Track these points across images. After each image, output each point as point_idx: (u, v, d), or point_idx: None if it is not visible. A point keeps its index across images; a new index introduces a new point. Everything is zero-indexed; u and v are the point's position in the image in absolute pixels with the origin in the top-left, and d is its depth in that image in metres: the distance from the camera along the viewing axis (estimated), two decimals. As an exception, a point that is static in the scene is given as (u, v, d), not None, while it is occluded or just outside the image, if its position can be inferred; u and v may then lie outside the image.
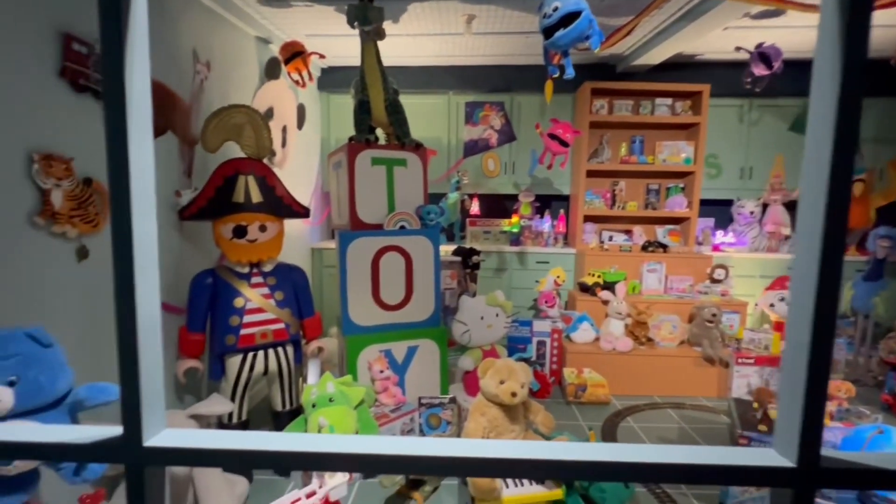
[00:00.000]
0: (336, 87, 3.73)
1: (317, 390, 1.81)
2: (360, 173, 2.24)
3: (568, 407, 2.68)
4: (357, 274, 2.21)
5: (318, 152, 3.79)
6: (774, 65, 2.75)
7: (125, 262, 0.35)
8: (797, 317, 0.33)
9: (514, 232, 3.73)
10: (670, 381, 2.86)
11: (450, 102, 3.76)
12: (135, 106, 0.36)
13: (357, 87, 2.30)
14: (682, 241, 3.71)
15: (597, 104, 3.60)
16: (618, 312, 2.99)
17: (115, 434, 0.34)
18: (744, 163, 3.75)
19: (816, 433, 0.31)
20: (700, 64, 3.67)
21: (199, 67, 2.11)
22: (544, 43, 1.94)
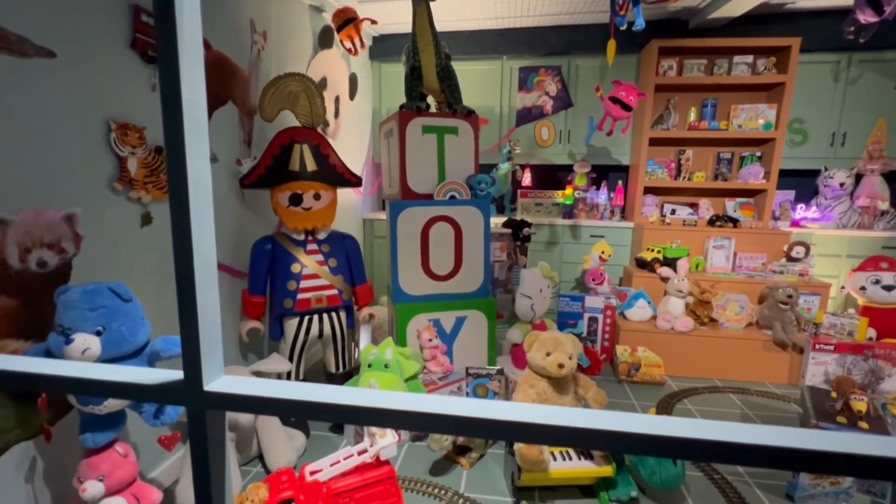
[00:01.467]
0: (387, 56, 3.69)
1: (377, 352, 1.86)
2: (411, 142, 2.21)
3: (619, 385, 2.59)
4: (407, 243, 2.22)
5: (370, 123, 3.80)
6: (886, 9, 2.35)
7: (182, 215, 0.35)
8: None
9: (568, 204, 3.58)
10: (734, 364, 2.68)
11: (503, 68, 3.61)
12: (187, 68, 0.35)
13: (408, 53, 2.25)
14: (755, 215, 3.39)
15: (664, 65, 3.30)
16: (678, 290, 2.82)
17: (177, 378, 0.35)
18: (836, 128, 3.32)
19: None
20: (789, 14, 3.24)
21: (256, 38, 2.15)
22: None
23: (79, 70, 1.31)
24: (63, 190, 1.28)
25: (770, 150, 3.29)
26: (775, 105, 3.22)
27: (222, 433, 0.36)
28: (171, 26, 0.35)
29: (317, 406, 0.34)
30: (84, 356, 1.05)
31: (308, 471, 1.43)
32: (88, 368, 0.37)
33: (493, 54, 3.60)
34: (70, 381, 0.36)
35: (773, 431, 0.36)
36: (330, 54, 2.83)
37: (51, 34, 1.23)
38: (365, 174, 3.69)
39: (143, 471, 1.57)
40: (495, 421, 0.37)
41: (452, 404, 0.36)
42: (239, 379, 0.36)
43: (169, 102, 0.34)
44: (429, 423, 0.35)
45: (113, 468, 1.15)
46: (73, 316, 1.06)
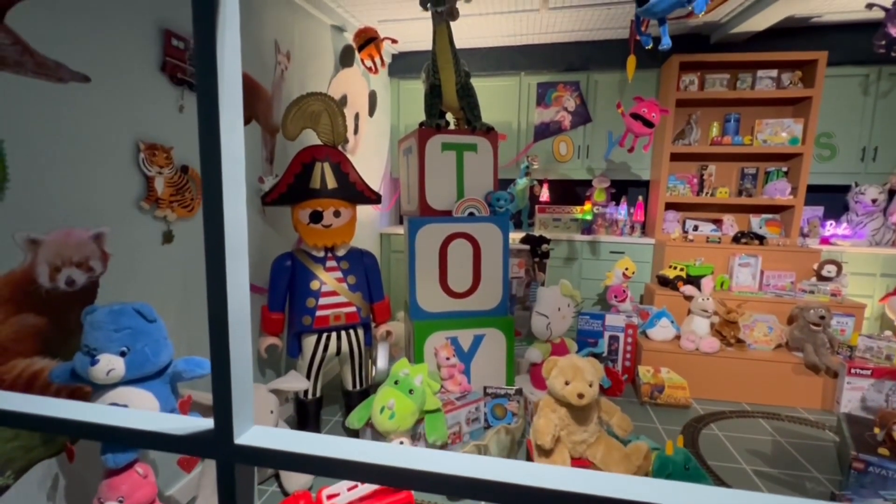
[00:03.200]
0: (406, 74, 3.73)
1: (408, 372, 1.83)
2: (430, 159, 2.21)
3: (642, 408, 2.51)
4: (425, 260, 2.20)
5: (388, 139, 3.84)
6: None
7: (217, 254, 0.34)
8: None
9: (587, 220, 3.54)
10: (763, 388, 2.58)
11: (521, 83, 3.61)
12: (226, 96, 0.35)
13: (428, 71, 2.26)
14: (782, 232, 3.29)
15: (685, 80, 3.26)
16: (703, 310, 2.73)
17: (207, 427, 0.34)
18: (866, 142, 3.22)
19: None
20: (815, 28, 3.18)
21: (279, 58, 2.19)
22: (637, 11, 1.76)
23: (111, 93, 1.35)
24: (93, 209, 1.31)
25: (797, 165, 3.20)
26: (802, 119, 3.15)
27: (251, 487, 0.35)
28: (210, 54, 0.35)
29: (353, 465, 0.32)
30: (108, 377, 1.05)
31: (325, 494, 1.40)
32: (116, 415, 0.36)
33: (511, 70, 3.62)
34: (96, 427, 0.35)
35: None
36: (350, 72, 2.88)
37: (85, 59, 1.27)
38: (383, 189, 3.71)
39: (161, 488, 1.56)
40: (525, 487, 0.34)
41: (493, 468, 0.33)
42: (270, 431, 0.35)
43: (208, 142, 0.33)
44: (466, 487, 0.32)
45: (133, 489, 1.15)
46: (99, 336, 1.07)
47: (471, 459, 0.33)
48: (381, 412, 1.73)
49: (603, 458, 1.60)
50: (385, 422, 1.69)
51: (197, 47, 0.36)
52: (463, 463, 0.33)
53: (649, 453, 1.59)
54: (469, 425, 2.12)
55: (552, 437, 1.56)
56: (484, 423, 2.16)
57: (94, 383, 1.09)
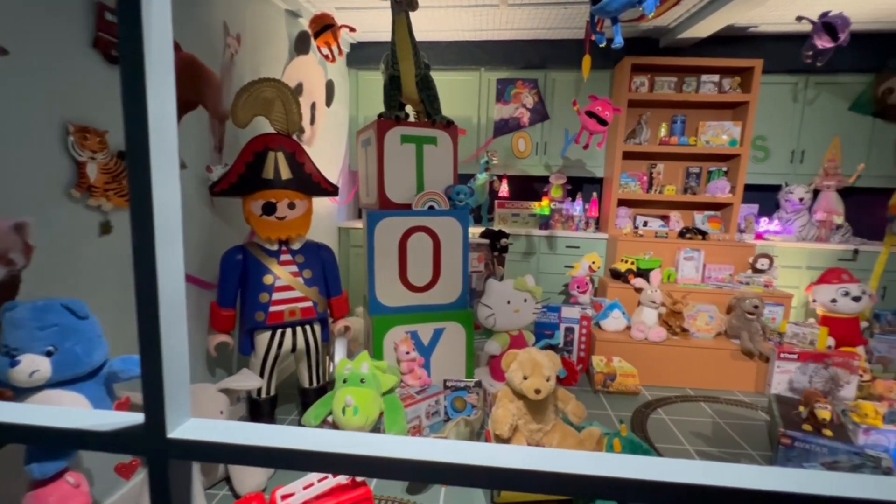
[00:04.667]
0: (365, 64, 3.65)
1: (352, 367, 1.80)
2: (390, 151, 2.18)
3: (595, 396, 2.61)
4: (384, 254, 2.18)
5: (346, 130, 3.75)
6: (840, 36, 2.50)
7: (145, 238, 0.31)
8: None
9: (544, 215, 3.62)
10: (705, 373, 2.75)
11: (481, 79, 3.64)
12: (155, 64, 0.32)
13: (388, 62, 2.23)
14: (722, 228, 3.52)
15: (637, 81, 3.40)
16: (651, 301, 2.88)
17: (136, 422, 0.31)
18: (795, 145, 3.49)
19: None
20: (753, 37, 3.41)
21: (229, 41, 2.08)
22: (591, 9, 1.80)
23: (33, 69, 1.22)
24: (14, 197, 1.18)
25: (735, 165, 3.43)
26: (740, 123, 3.37)
27: (187, 485, 0.32)
28: (136, 24, 0.31)
29: (293, 453, 0.31)
30: (32, 379, 0.96)
31: (280, 495, 1.36)
32: (30, 413, 0.32)
33: (471, 65, 3.63)
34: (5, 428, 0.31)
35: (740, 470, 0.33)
36: (306, 60, 2.78)
37: (2, 29, 1.14)
38: (341, 182, 3.63)
39: (97, 499, 1.45)
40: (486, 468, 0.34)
41: (441, 449, 0.33)
42: (206, 423, 0.32)
43: (134, 119, 0.30)
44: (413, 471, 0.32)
45: (62, 501, 1.06)
46: (21, 335, 0.97)
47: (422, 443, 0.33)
48: (344, 413, 1.69)
49: (559, 444, 1.65)
50: (352, 420, 1.66)
51: (120, 18, 0.32)
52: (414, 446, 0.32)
53: (601, 438, 1.65)
54: (429, 419, 2.12)
55: (510, 427, 1.59)
56: (444, 416, 2.17)
57: (16, 386, 0.99)
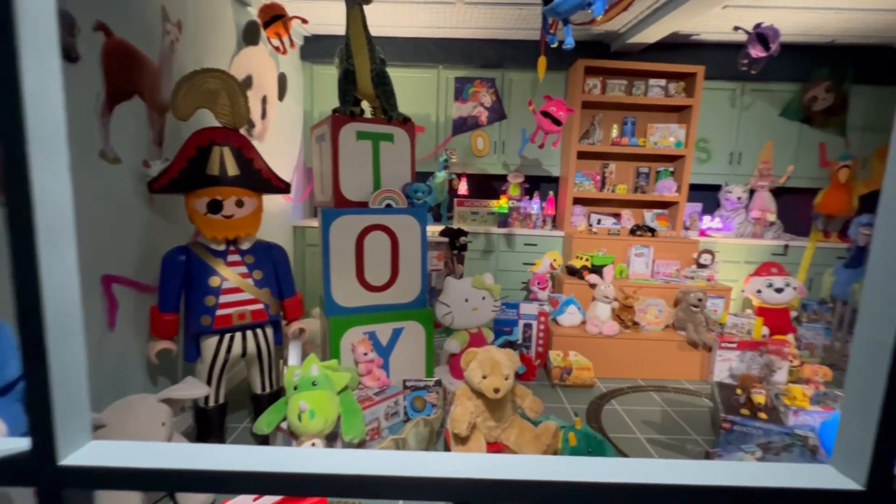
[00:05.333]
0: (320, 58, 3.55)
1: (300, 372, 1.74)
2: (345, 148, 2.13)
3: (553, 390, 2.67)
4: (340, 253, 2.12)
5: (301, 126, 3.63)
6: (772, 46, 2.69)
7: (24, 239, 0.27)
8: (874, 312, 0.27)
9: (503, 213, 3.66)
10: (654, 364, 2.88)
11: (439, 77, 3.62)
12: (30, 37, 0.26)
13: (342, 56, 2.17)
14: (670, 225, 3.70)
15: (590, 83, 3.51)
16: (605, 296, 2.98)
17: (22, 449, 0.27)
18: (733, 148, 3.73)
19: (892, 450, 0.26)
20: (695, 45, 3.60)
21: (168, 27, 1.95)
22: (543, 9, 1.83)
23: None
24: None
25: (681, 166, 3.61)
26: (685, 125, 3.55)
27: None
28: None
29: (225, 477, 0.28)
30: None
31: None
32: None
33: (429, 63, 3.61)
34: None
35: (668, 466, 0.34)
36: (256, 51, 2.66)
37: None
38: (295, 179, 3.51)
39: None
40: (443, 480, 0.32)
41: (399, 462, 0.31)
42: (109, 446, 0.28)
43: (3, 99, 0.25)
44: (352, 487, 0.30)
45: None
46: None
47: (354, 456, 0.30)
48: (301, 420, 1.63)
49: (516, 440, 1.66)
50: (310, 425, 1.60)
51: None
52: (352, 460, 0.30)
53: (557, 431, 1.69)
54: (388, 420, 2.09)
55: (468, 425, 1.59)
56: (403, 417, 2.14)
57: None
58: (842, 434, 0.28)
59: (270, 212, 3.06)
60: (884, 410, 0.25)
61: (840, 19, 3.06)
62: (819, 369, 2.51)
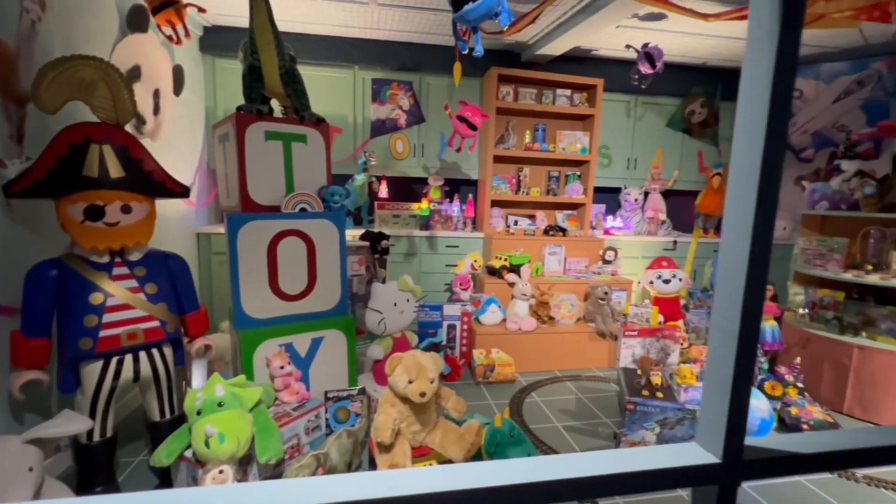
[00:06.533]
0: (223, 51, 3.29)
1: (203, 395, 1.59)
2: (252, 148, 1.99)
3: (477, 388, 2.74)
4: (250, 261, 1.97)
5: (203, 124, 3.34)
6: (657, 64, 3.02)
7: None
8: (724, 303, 0.31)
9: (424, 216, 3.68)
10: (569, 355, 3.08)
11: (355, 78, 3.55)
12: None
13: (246, 50, 2.02)
14: (578, 225, 3.98)
15: (503, 90, 3.66)
16: (523, 294, 3.12)
17: None
18: (630, 154, 4.12)
19: (741, 425, 0.29)
20: (595, 59, 3.92)
21: (27, 4, 1.67)
22: (453, 16, 1.87)
23: None
24: None
25: (586, 170, 3.91)
26: (589, 133, 3.85)
27: None
28: None
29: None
30: None
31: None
32: None
33: (344, 63, 3.52)
34: None
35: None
36: (144, 39, 2.38)
37: None
38: (198, 182, 3.22)
39: None
40: None
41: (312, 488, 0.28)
42: None
43: None
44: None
45: None
46: None
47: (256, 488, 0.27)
48: (209, 446, 1.48)
49: (441, 441, 1.67)
50: (220, 450, 1.45)
51: None
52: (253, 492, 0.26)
53: (480, 429, 1.73)
54: (309, 435, 1.98)
55: (392, 433, 1.56)
56: (326, 430, 2.05)
57: None
58: (702, 414, 0.32)
59: (168, 218, 2.77)
60: (733, 390, 0.28)
61: (710, 45, 3.53)
62: (704, 349, 2.86)
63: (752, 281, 0.27)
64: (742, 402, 0.28)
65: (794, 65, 0.35)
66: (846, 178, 2.68)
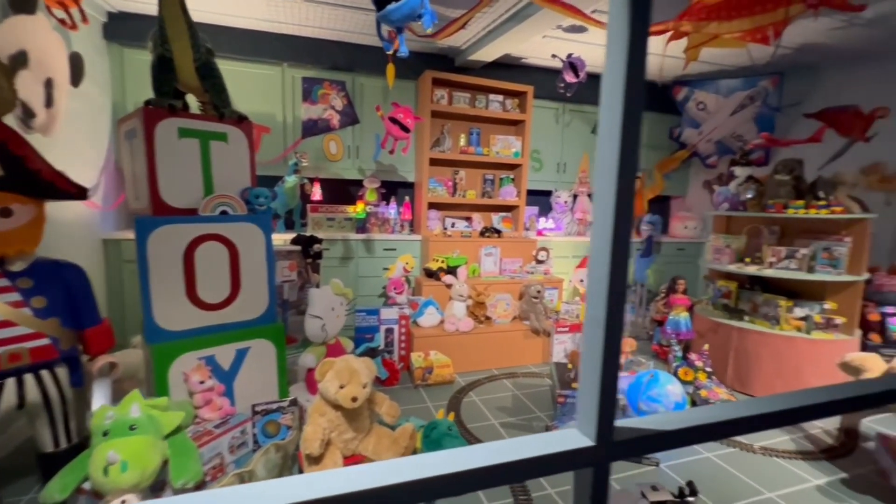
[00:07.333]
0: (132, 40, 3.01)
1: (114, 414, 1.43)
2: (163, 146, 1.83)
3: (416, 391, 2.72)
4: (163, 268, 1.81)
5: (109, 119, 3.03)
6: (580, 73, 3.20)
7: None
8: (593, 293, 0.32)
9: (360, 219, 3.61)
10: (505, 353, 3.16)
11: (284, 75, 3.40)
12: None
13: (156, 40, 1.87)
14: (513, 226, 4.11)
15: (438, 94, 3.69)
16: (460, 295, 3.15)
17: None
18: (560, 158, 4.32)
19: (611, 408, 0.31)
20: (525, 67, 4.08)
21: None
22: (377, 15, 1.85)
23: None
24: None
25: (519, 173, 4.05)
26: (521, 138, 3.99)
27: None
28: None
29: None
30: None
31: None
32: None
33: (272, 59, 3.36)
34: None
35: None
36: (32, 22, 2.11)
37: None
38: (104, 183, 2.91)
39: None
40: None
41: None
42: None
43: None
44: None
45: None
46: None
47: None
48: (107, 474, 1.32)
49: (374, 448, 1.64)
50: (119, 480, 1.30)
51: None
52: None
53: (414, 433, 1.71)
54: (234, 453, 1.86)
55: (321, 443, 1.50)
56: (253, 447, 1.93)
57: None
58: (580, 401, 0.33)
59: (66, 222, 2.48)
60: (602, 377, 0.30)
61: (627, 57, 3.80)
62: (627, 341, 3.05)
63: (615, 279, 0.29)
64: (610, 387, 0.29)
65: (642, 78, 0.38)
66: (739, 183, 3.01)
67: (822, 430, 2.37)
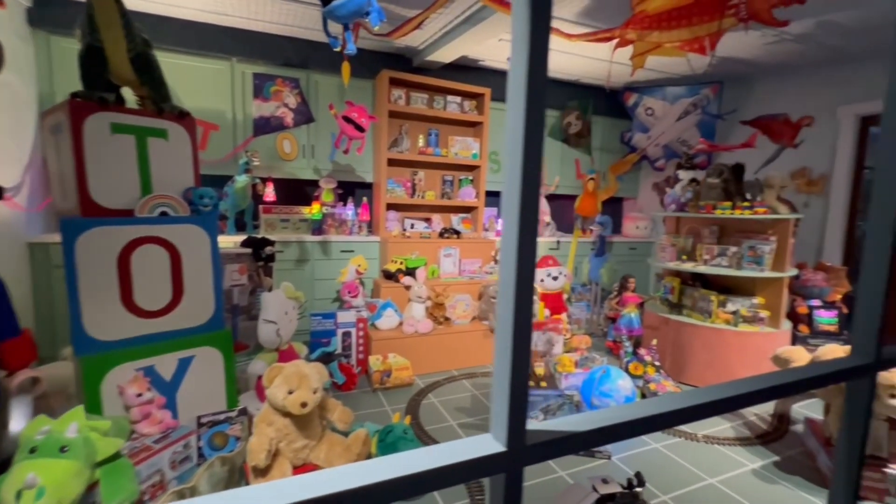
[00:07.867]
0: (59, 27, 2.79)
1: (49, 429, 1.31)
2: (93, 142, 1.71)
3: (374, 395, 2.68)
4: (94, 274, 1.69)
5: (35, 112, 2.79)
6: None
7: None
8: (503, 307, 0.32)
9: (316, 220, 3.51)
10: (465, 354, 3.17)
11: (233, 70, 3.26)
12: None
13: (84, 28, 1.74)
14: (472, 227, 4.13)
15: (395, 94, 3.66)
16: (419, 296, 3.13)
17: None
18: (517, 160, 4.39)
19: (522, 413, 0.30)
20: (483, 69, 4.12)
21: None
22: (322, 11, 1.80)
23: None
24: None
25: (478, 174, 4.08)
26: (479, 139, 4.02)
27: None
28: None
29: None
30: None
31: None
32: None
33: (220, 53, 3.21)
34: None
35: None
36: (-61, 4, 1.91)
37: None
38: (30, 181, 2.68)
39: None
40: None
41: None
42: None
43: None
44: None
45: None
46: None
47: None
48: (20, 498, 1.21)
49: (326, 456, 1.59)
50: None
51: None
52: None
53: (368, 438, 1.68)
54: (176, 469, 1.75)
55: (267, 454, 1.44)
56: (198, 461, 1.83)
57: None
58: (492, 406, 0.32)
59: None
60: (512, 381, 0.29)
61: (580, 63, 3.93)
62: (582, 339, 3.14)
63: (522, 280, 0.29)
64: (521, 391, 0.29)
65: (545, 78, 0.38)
66: (683, 186, 3.17)
67: (757, 416, 2.53)
